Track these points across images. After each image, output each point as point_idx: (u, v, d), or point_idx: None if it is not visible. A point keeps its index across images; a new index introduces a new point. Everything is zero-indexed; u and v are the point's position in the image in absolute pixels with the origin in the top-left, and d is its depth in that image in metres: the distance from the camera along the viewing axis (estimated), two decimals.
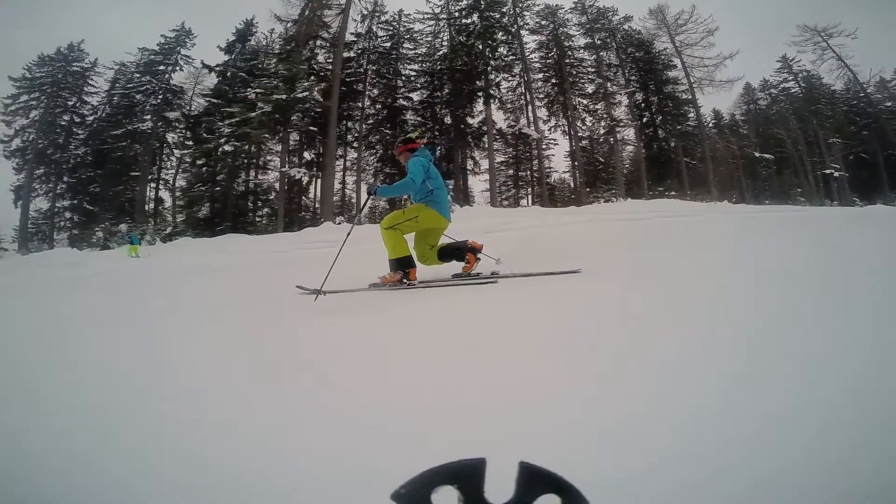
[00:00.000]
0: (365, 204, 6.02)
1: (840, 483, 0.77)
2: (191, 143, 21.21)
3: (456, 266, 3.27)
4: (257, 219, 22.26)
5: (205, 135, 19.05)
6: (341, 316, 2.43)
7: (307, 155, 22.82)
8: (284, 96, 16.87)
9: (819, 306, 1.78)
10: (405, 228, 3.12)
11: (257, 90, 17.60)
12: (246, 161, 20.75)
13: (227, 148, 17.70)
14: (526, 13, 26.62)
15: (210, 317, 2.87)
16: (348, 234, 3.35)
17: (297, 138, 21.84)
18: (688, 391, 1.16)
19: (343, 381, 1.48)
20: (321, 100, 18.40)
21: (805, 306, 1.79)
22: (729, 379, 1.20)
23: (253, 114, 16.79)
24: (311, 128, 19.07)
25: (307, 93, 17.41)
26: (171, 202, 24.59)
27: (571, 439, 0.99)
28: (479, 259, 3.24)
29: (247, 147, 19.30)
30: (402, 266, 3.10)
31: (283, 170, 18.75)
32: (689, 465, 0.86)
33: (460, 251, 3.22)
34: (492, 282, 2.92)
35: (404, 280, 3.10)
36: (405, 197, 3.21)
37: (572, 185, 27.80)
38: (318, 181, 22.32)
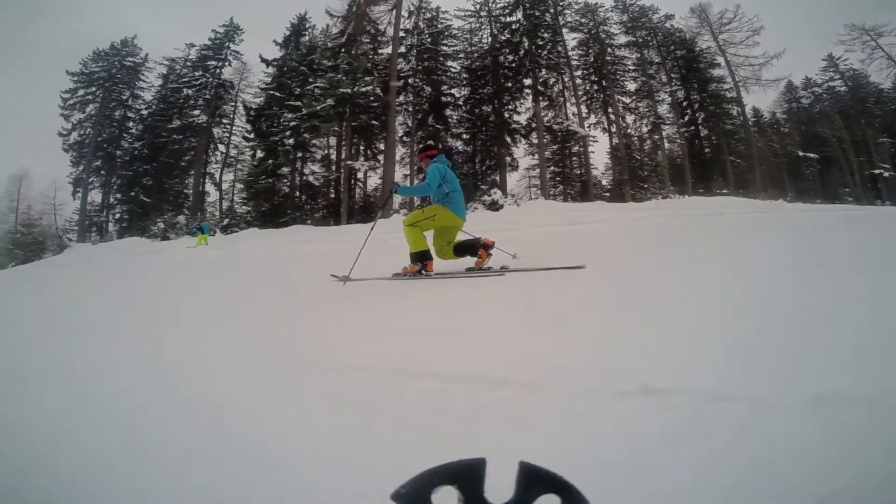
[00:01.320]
0: (387, 200, 6.36)
1: (838, 482, 0.77)
2: (252, 136, 21.65)
3: (469, 260, 3.53)
4: (307, 210, 22.63)
5: (265, 128, 19.45)
6: (360, 304, 2.72)
7: (359, 148, 23.13)
8: (349, 90, 17.18)
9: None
10: (424, 226, 3.45)
11: (320, 84, 17.92)
12: (300, 155, 21.14)
13: (289, 141, 18.07)
14: (567, 11, 26.62)
15: (245, 305, 3.18)
16: (371, 227, 3.91)
17: (347, 132, 22.14)
18: (686, 390, 1.15)
19: (344, 379, 1.50)
20: (382, 94, 18.69)
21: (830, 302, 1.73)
22: (728, 378, 1.20)
23: (319, 106, 17.10)
24: (373, 122, 19.38)
25: (370, 87, 17.72)
26: (217, 195, 25.18)
27: (571, 439, 0.99)
28: (490, 254, 3.49)
29: (302, 140, 19.67)
30: (421, 259, 3.44)
31: (349, 162, 19.09)
32: (688, 464, 0.86)
33: (473, 247, 3.48)
34: (499, 275, 3.20)
35: (422, 271, 3.45)
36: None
37: (611, 182, 27.72)
38: (367, 174, 22.64)
